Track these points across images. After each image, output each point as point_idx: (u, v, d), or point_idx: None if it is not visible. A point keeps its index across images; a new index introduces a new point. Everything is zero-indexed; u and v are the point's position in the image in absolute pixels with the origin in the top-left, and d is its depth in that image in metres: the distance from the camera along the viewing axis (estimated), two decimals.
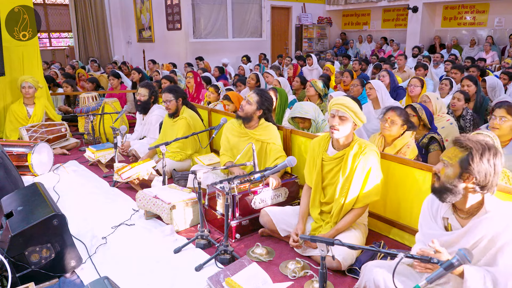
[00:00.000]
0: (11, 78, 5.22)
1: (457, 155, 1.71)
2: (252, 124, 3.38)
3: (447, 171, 1.73)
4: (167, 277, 2.49)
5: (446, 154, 1.76)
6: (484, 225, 1.68)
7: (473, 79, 4.63)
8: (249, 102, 3.31)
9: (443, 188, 1.74)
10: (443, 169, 1.75)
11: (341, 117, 2.50)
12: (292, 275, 2.45)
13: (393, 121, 2.97)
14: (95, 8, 12.22)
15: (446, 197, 1.74)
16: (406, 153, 2.92)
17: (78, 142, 5.34)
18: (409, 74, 7.00)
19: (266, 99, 3.35)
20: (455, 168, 1.70)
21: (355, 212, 2.58)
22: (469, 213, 1.75)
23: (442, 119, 3.80)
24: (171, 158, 4.00)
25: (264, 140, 3.33)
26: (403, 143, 2.96)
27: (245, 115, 3.33)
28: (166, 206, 3.03)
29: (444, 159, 1.75)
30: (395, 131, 2.98)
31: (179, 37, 10.98)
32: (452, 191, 1.72)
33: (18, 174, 3.39)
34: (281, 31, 13.19)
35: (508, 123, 2.90)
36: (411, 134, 3.01)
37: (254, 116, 3.34)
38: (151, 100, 4.65)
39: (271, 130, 3.36)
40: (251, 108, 3.31)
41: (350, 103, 2.50)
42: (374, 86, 4.23)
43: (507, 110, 2.90)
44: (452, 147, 1.75)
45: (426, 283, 1.49)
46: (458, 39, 11.56)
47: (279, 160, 3.23)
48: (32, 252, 2.34)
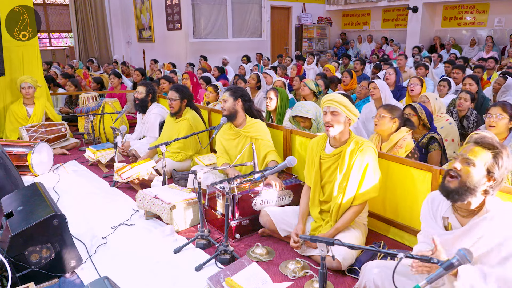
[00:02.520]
0: (11, 78, 5.22)
1: (483, 156, 1.65)
2: (240, 121, 3.46)
3: (472, 171, 1.65)
4: (167, 277, 2.49)
5: (471, 154, 1.67)
6: (484, 225, 1.68)
7: (475, 78, 4.68)
8: (225, 100, 3.44)
9: (463, 189, 1.66)
10: (466, 169, 1.67)
11: (333, 113, 2.53)
12: (292, 275, 2.45)
13: (382, 115, 3.04)
14: (95, 8, 12.22)
15: (465, 197, 1.67)
16: (402, 145, 2.98)
17: (78, 142, 5.34)
18: (409, 74, 6.99)
19: (236, 89, 3.51)
20: (480, 169, 1.65)
21: (354, 209, 2.59)
22: (470, 212, 1.75)
23: (441, 119, 3.81)
24: (171, 158, 4.00)
25: (253, 137, 3.39)
26: (399, 137, 3.01)
27: (228, 112, 3.42)
28: (166, 206, 3.03)
29: (471, 158, 1.66)
30: (385, 126, 3.04)
31: (179, 37, 10.98)
32: (472, 192, 1.65)
33: (18, 174, 3.39)
34: (281, 31, 13.19)
35: (504, 121, 2.95)
36: (408, 130, 3.05)
37: (237, 108, 3.43)
38: (148, 98, 4.66)
39: (259, 126, 3.44)
40: (229, 103, 3.41)
41: (340, 98, 2.54)
42: (378, 86, 4.24)
43: (502, 108, 2.96)
44: (475, 147, 1.68)
45: (426, 283, 1.49)
46: (458, 39, 11.56)
47: (269, 154, 3.30)
48: (32, 252, 2.34)
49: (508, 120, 2.96)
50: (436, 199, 1.91)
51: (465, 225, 1.74)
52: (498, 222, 1.66)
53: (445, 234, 1.80)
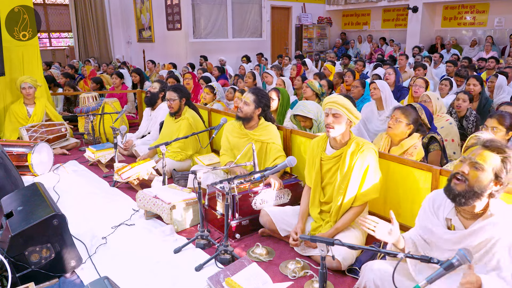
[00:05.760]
0: (11, 78, 5.21)
1: (491, 160, 1.63)
2: (252, 124, 3.39)
3: (480, 176, 1.63)
4: (167, 277, 2.49)
5: (481, 157, 1.64)
6: (488, 229, 1.67)
7: (479, 79, 4.68)
8: (246, 103, 3.31)
9: (470, 193, 1.65)
10: (474, 173, 1.64)
11: (335, 115, 2.52)
12: (292, 275, 2.45)
13: (398, 120, 2.97)
14: (95, 8, 12.22)
15: (471, 201, 1.65)
16: (413, 154, 2.91)
17: (78, 142, 5.33)
18: (409, 74, 7.00)
19: (262, 96, 3.36)
20: (488, 173, 1.63)
21: (354, 210, 2.59)
22: (474, 214, 1.73)
23: (442, 119, 3.81)
24: (171, 157, 4.00)
25: (264, 140, 3.33)
26: (410, 144, 2.95)
27: (244, 116, 3.33)
28: (166, 206, 3.03)
29: (480, 162, 1.63)
30: (399, 130, 2.97)
31: (179, 37, 10.99)
32: (478, 196, 1.64)
33: (18, 174, 3.39)
34: (281, 31, 13.19)
35: (500, 133, 2.89)
36: (419, 137, 3.00)
37: (254, 116, 3.35)
38: (160, 95, 4.80)
39: (271, 130, 3.36)
40: (250, 108, 3.31)
41: (342, 100, 2.52)
42: (378, 86, 4.21)
43: (498, 121, 2.91)
44: (484, 150, 1.66)
45: (426, 283, 1.49)
46: (458, 39, 11.56)
47: (279, 159, 3.23)
48: (32, 252, 2.34)
49: (505, 132, 2.90)
50: (437, 200, 1.90)
51: (469, 227, 1.73)
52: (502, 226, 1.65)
53: (448, 233, 1.79)
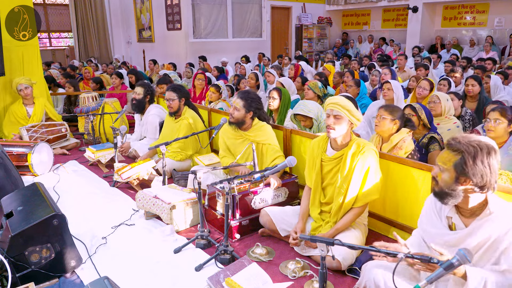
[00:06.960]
0: (11, 78, 5.21)
1: (451, 160, 1.70)
2: (246, 126, 3.38)
3: (443, 176, 1.73)
4: (167, 277, 2.49)
5: (440, 159, 1.76)
6: (488, 227, 1.68)
7: (478, 79, 4.71)
8: (237, 108, 3.30)
9: (442, 193, 1.75)
10: (439, 174, 1.75)
11: (336, 116, 2.52)
12: (292, 275, 2.45)
13: (383, 117, 3.04)
14: (95, 8, 12.22)
15: (447, 200, 1.75)
16: (402, 147, 2.99)
17: (78, 142, 5.34)
18: (409, 74, 7.00)
19: (252, 100, 3.32)
20: (450, 172, 1.70)
21: (355, 211, 2.59)
22: (473, 212, 1.75)
23: (450, 121, 3.77)
24: (171, 157, 3.99)
25: (259, 141, 3.32)
26: (399, 138, 3.02)
27: (236, 120, 3.33)
28: (166, 206, 3.03)
29: (439, 164, 1.75)
30: (385, 127, 3.04)
31: (179, 37, 10.98)
32: (451, 195, 1.72)
33: (18, 174, 3.39)
34: (281, 31, 13.19)
35: (503, 125, 2.94)
36: (408, 131, 3.05)
37: (246, 119, 3.34)
38: (146, 99, 4.61)
39: (265, 130, 3.35)
40: (240, 114, 3.30)
41: (344, 102, 2.52)
42: (393, 87, 4.19)
43: (500, 113, 2.95)
44: (446, 151, 1.75)
45: (426, 283, 1.49)
46: (458, 39, 11.56)
47: (277, 160, 3.22)
48: (32, 252, 2.34)
49: (507, 124, 2.95)
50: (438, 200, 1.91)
51: (469, 226, 1.75)
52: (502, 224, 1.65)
53: (449, 234, 1.80)
